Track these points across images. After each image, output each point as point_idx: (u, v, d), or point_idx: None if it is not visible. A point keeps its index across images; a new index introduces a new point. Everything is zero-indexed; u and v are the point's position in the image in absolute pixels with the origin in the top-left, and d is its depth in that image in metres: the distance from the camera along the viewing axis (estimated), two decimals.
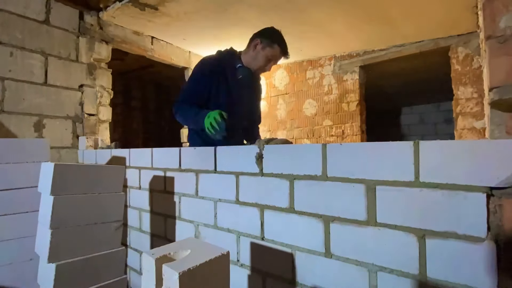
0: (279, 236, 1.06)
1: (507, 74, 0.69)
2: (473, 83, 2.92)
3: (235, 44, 1.96)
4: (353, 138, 3.68)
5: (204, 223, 1.35)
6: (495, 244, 0.65)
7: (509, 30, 0.70)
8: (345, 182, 0.89)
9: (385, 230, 0.81)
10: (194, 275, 0.72)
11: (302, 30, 3.16)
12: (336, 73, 3.86)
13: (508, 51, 0.69)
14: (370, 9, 2.62)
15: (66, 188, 1.31)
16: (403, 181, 0.78)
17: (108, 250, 1.44)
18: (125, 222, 1.86)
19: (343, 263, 0.89)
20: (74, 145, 2.59)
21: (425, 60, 3.61)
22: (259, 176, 1.12)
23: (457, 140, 0.71)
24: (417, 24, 2.86)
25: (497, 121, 0.75)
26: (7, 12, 2.25)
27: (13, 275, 1.61)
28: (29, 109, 2.34)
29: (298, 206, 1.01)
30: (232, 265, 1.20)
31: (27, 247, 1.63)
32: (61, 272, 1.26)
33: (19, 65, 2.30)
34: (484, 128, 2.82)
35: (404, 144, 0.78)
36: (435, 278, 0.73)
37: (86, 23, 2.72)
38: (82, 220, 1.36)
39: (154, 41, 3.37)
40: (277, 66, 4.42)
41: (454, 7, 2.49)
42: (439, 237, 0.72)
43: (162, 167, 1.60)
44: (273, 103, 4.51)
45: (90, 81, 2.75)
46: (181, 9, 2.69)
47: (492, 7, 0.72)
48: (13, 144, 1.69)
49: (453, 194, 0.70)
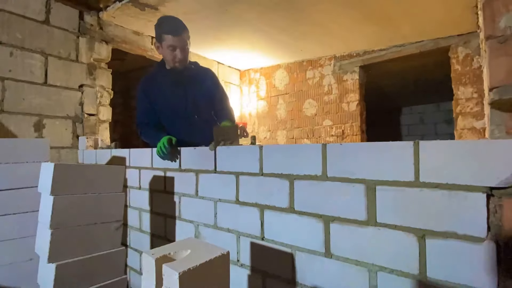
0: (279, 236, 1.06)
1: (507, 74, 0.69)
2: (473, 83, 2.92)
3: (235, 44, 1.96)
4: (353, 138, 3.67)
5: (204, 223, 1.35)
6: (495, 244, 0.65)
7: (509, 30, 0.69)
8: (345, 182, 0.89)
9: (385, 230, 0.81)
10: (194, 275, 0.72)
11: (302, 30, 3.16)
12: (336, 73, 3.86)
13: (508, 51, 0.69)
14: (370, 9, 2.62)
15: (66, 188, 1.32)
16: (403, 181, 0.78)
17: (108, 250, 1.44)
18: (125, 222, 1.86)
19: (343, 263, 0.89)
20: (74, 145, 2.59)
21: (425, 60, 3.61)
22: (259, 176, 1.12)
23: (457, 140, 0.71)
24: (417, 24, 2.86)
25: (497, 121, 0.75)
26: (7, 12, 2.25)
27: (13, 275, 1.61)
28: (29, 109, 2.34)
29: (298, 206, 1.01)
30: (232, 265, 1.20)
31: (27, 247, 1.63)
32: (61, 272, 1.26)
33: (19, 65, 2.30)
34: (484, 128, 2.82)
35: (404, 144, 0.78)
36: (435, 278, 0.73)
37: (86, 23, 2.72)
38: (82, 220, 1.36)
39: (154, 41, 3.36)
40: (277, 66, 4.43)
41: (454, 7, 2.49)
42: (439, 237, 0.72)
43: (162, 167, 1.60)
44: (273, 103, 4.51)
45: (90, 81, 2.75)
46: (181, 9, 2.69)
47: (492, 7, 0.72)
48: (13, 144, 1.69)
49: (453, 194, 0.70)
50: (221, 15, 2.82)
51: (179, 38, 1.59)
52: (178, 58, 1.62)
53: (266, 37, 3.37)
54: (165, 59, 1.69)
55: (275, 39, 3.43)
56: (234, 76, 4.81)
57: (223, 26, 3.08)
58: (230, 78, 4.71)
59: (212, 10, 2.74)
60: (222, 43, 3.56)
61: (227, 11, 2.75)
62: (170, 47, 1.59)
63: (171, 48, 1.59)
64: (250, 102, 4.81)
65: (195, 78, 1.75)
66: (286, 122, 4.35)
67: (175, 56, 1.61)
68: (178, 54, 1.60)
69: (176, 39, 1.58)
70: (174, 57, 1.62)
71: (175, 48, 1.60)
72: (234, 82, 4.80)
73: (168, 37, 1.58)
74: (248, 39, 3.44)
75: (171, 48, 1.59)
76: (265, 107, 4.59)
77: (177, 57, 1.61)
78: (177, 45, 1.59)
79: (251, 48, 3.75)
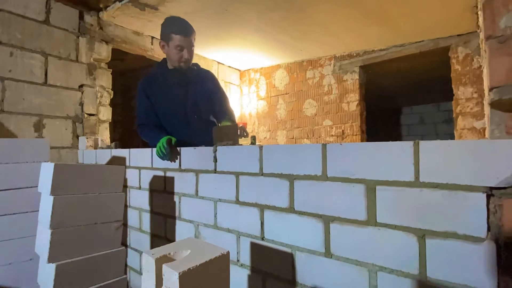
0: (279, 236, 1.06)
1: (507, 74, 0.69)
2: (473, 83, 2.92)
3: (235, 44, 1.96)
4: (353, 138, 3.67)
5: (204, 223, 1.35)
6: (495, 244, 0.65)
7: (509, 30, 0.69)
8: (345, 182, 0.89)
9: (385, 230, 0.81)
10: (194, 275, 0.72)
11: (302, 30, 3.16)
12: (336, 73, 3.86)
13: (508, 51, 0.69)
14: (370, 9, 2.62)
15: (66, 188, 1.32)
16: (403, 181, 0.78)
17: (108, 250, 1.44)
18: (125, 222, 1.86)
19: (343, 263, 0.89)
20: (74, 145, 2.59)
21: (425, 60, 3.61)
22: (259, 176, 1.12)
23: (457, 140, 0.71)
24: (417, 24, 2.86)
25: (497, 121, 0.75)
26: (7, 12, 2.25)
27: (13, 275, 1.61)
28: (29, 109, 2.34)
29: (298, 206, 1.01)
30: (232, 265, 1.20)
31: (27, 247, 1.63)
32: (61, 272, 1.26)
33: (19, 65, 2.30)
34: (484, 128, 2.82)
35: (404, 144, 0.78)
36: (435, 278, 0.73)
37: (86, 23, 2.72)
38: (82, 220, 1.36)
39: (154, 41, 3.37)
40: (277, 66, 4.43)
41: (454, 7, 2.49)
42: (439, 237, 0.72)
43: (162, 167, 1.60)
44: (273, 103, 4.51)
45: (90, 81, 2.75)
46: (181, 9, 2.69)
47: (492, 7, 0.72)
48: (13, 144, 1.69)
49: (453, 194, 0.70)
50: (221, 15, 2.82)
51: (188, 39, 1.64)
52: (185, 58, 1.66)
53: (266, 37, 3.37)
54: (170, 59, 1.71)
55: (275, 39, 3.43)
56: (234, 76, 4.81)
57: (223, 26, 3.09)
58: (230, 78, 4.71)
59: (212, 10, 2.74)
60: (222, 43, 3.56)
61: (227, 11, 2.75)
62: (178, 47, 1.63)
63: (179, 48, 1.64)
64: (250, 102, 4.81)
65: (196, 79, 1.78)
66: (286, 122, 4.35)
67: (181, 56, 1.66)
68: (185, 54, 1.66)
69: (184, 40, 1.63)
70: (180, 57, 1.66)
71: (183, 48, 1.64)
72: (234, 82, 4.81)
73: (177, 37, 1.62)
74: (248, 39, 3.44)
75: (179, 48, 1.64)
76: (265, 107, 4.59)
77: (183, 57, 1.66)
78: (185, 46, 1.64)
79: (251, 48, 3.75)
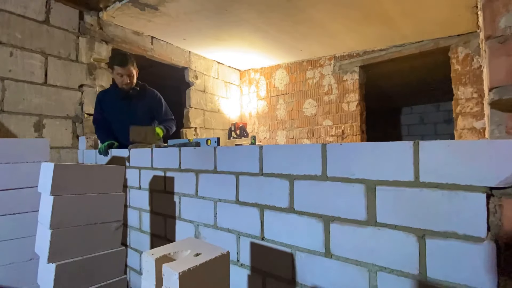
0: (279, 236, 1.06)
1: (507, 74, 0.69)
2: (473, 83, 2.92)
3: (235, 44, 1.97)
4: (353, 138, 3.68)
5: (204, 223, 1.35)
6: (495, 244, 0.65)
7: (509, 30, 0.70)
8: (345, 182, 0.89)
9: (385, 230, 0.81)
10: (194, 275, 0.72)
11: (302, 30, 3.16)
12: (336, 73, 3.86)
13: (508, 51, 0.69)
14: (370, 9, 2.62)
15: (66, 188, 1.31)
16: (403, 181, 0.78)
17: (108, 250, 1.44)
18: (125, 222, 1.86)
19: (343, 263, 0.89)
20: (74, 145, 2.59)
21: (425, 60, 3.62)
22: (259, 176, 1.12)
23: (457, 140, 0.71)
24: (417, 24, 2.86)
25: (497, 121, 0.75)
26: (7, 12, 2.25)
27: (13, 275, 1.61)
28: (29, 109, 2.34)
29: (298, 206, 1.01)
30: (232, 265, 1.20)
31: (27, 247, 1.63)
32: (61, 272, 1.26)
33: (19, 65, 2.30)
34: (484, 128, 2.82)
35: (404, 144, 0.78)
36: (435, 278, 0.73)
37: (86, 23, 2.72)
38: (82, 220, 1.36)
39: (154, 41, 3.37)
40: (277, 66, 4.43)
41: (454, 7, 2.49)
42: (439, 237, 0.72)
43: (162, 167, 1.60)
44: (273, 103, 4.51)
45: (90, 81, 2.75)
46: (181, 9, 2.69)
47: (492, 7, 0.72)
48: (13, 144, 1.69)
49: (453, 194, 0.70)
50: (221, 15, 2.82)
51: (125, 68, 2.10)
52: (125, 82, 2.13)
53: (266, 37, 3.37)
54: (116, 82, 2.20)
55: (275, 39, 3.43)
56: (234, 76, 4.81)
57: (223, 26, 3.09)
58: (230, 78, 4.71)
59: (212, 10, 2.74)
60: (222, 43, 3.56)
61: (227, 11, 2.75)
62: (118, 74, 2.12)
63: (119, 75, 2.11)
64: (250, 102, 4.81)
65: (138, 96, 2.25)
66: (286, 122, 4.35)
67: (122, 81, 2.13)
68: (125, 79, 2.13)
69: (122, 69, 2.10)
70: (122, 81, 2.13)
71: (122, 75, 2.12)
72: (234, 82, 4.81)
73: (117, 68, 2.10)
74: (248, 39, 3.44)
75: (119, 75, 2.11)
76: (265, 107, 4.59)
77: (124, 82, 2.13)
78: (124, 73, 2.11)
79: (251, 48, 3.76)
